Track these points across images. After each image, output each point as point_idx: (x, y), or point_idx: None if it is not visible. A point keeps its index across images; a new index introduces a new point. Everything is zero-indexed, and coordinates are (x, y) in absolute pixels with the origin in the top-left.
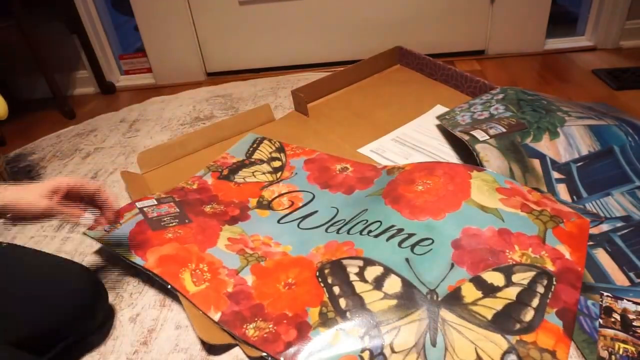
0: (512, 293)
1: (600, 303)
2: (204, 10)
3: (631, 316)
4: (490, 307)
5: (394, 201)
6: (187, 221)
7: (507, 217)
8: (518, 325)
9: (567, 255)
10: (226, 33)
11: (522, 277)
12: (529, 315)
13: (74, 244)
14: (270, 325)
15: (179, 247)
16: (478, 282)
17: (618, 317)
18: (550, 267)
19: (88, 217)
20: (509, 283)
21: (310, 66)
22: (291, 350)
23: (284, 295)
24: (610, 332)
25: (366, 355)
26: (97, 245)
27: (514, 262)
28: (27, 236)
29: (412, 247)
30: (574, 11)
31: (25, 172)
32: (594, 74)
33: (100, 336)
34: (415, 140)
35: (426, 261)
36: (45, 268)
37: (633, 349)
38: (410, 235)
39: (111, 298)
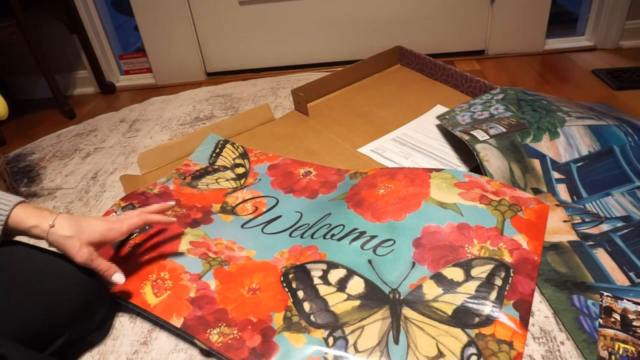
0: (471, 287)
1: (600, 303)
2: (204, 10)
3: (631, 316)
4: (450, 302)
5: (356, 205)
6: (147, 227)
7: (465, 211)
8: (477, 319)
9: (525, 245)
10: (226, 33)
11: (481, 271)
12: (487, 308)
13: None
14: (235, 331)
15: (139, 260)
16: (438, 279)
17: (618, 317)
18: (507, 258)
19: (119, 277)
20: (468, 278)
21: (310, 66)
22: (256, 356)
23: (248, 300)
24: (610, 332)
25: (330, 356)
26: None
27: (473, 256)
28: None
29: (374, 248)
30: (574, 11)
31: (25, 172)
32: (594, 74)
33: (100, 336)
34: (415, 140)
35: (388, 262)
36: (45, 264)
37: (633, 349)
38: (373, 237)
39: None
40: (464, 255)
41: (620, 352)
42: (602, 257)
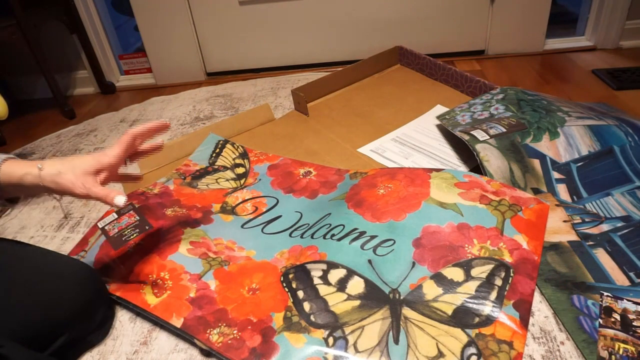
0: (471, 287)
1: (600, 303)
2: (204, 10)
3: (631, 316)
4: (450, 302)
5: (356, 205)
6: (147, 227)
7: (465, 211)
8: (477, 319)
9: (525, 245)
10: (226, 33)
11: (481, 271)
12: (487, 308)
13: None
14: (235, 331)
15: (139, 260)
16: (438, 279)
17: (618, 317)
18: (507, 258)
19: (120, 198)
20: (468, 278)
21: (310, 66)
22: (256, 356)
23: (248, 300)
24: (610, 332)
25: (330, 356)
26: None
27: (473, 256)
28: (27, 236)
29: (374, 248)
30: (574, 11)
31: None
32: (594, 74)
33: (100, 336)
34: (415, 140)
35: (388, 262)
36: (45, 264)
37: (633, 349)
38: (373, 237)
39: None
40: (464, 255)
41: (620, 352)
42: (602, 257)
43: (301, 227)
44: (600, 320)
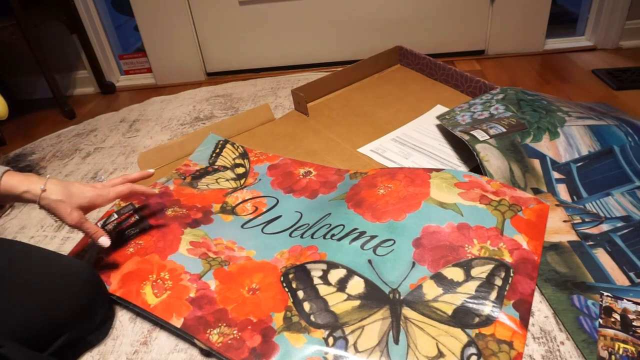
0: (471, 287)
1: (600, 303)
2: (204, 10)
3: (631, 316)
4: (450, 302)
5: (356, 205)
6: (147, 227)
7: (465, 211)
8: (477, 319)
9: (525, 245)
10: (226, 33)
11: (481, 271)
12: (487, 308)
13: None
14: (235, 331)
15: (139, 260)
16: (438, 279)
17: (618, 317)
18: (508, 258)
19: (105, 240)
20: (468, 278)
21: (310, 66)
22: (256, 356)
23: (248, 300)
24: (610, 332)
25: (330, 356)
26: None
27: (473, 256)
28: (28, 236)
29: (374, 248)
30: (574, 11)
31: (26, 172)
32: (594, 74)
33: (100, 336)
34: (415, 140)
35: (388, 261)
36: (46, 264)
37: (633, 349)
38: (373, 237)
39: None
40: (464, 255)
41: (620, 352)
42: (602, 257)
43: (301, 227)
44: (600, 320)
